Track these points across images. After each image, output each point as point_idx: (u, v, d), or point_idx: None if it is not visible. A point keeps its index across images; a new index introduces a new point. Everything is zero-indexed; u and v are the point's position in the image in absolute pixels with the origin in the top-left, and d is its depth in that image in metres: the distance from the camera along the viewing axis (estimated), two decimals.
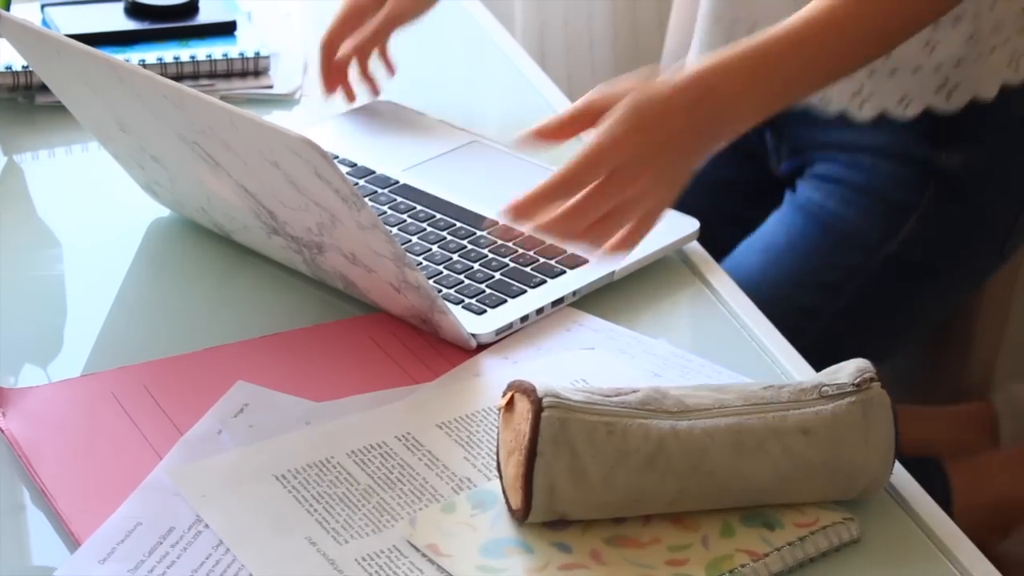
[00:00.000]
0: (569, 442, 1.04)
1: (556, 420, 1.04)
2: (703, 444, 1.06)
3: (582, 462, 1.04)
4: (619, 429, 1.05)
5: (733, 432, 1.06)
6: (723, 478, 1.06)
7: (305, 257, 1.30)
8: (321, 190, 1.16)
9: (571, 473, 1.04)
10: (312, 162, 1.13)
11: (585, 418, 1.05)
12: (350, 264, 1.25)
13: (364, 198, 1.18)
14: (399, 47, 1.63)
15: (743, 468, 1.06)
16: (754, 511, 1.09)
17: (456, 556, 1.06)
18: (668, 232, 1.36)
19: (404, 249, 1.20)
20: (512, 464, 1.07)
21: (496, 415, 1.17)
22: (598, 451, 1.04)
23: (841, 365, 1.12)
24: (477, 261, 1.34)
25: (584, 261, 1.33)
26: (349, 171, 1.47)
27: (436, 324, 1.25)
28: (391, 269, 1.21)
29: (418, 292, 1.22)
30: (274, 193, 1.23)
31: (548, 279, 1.31)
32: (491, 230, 1.37)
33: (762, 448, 1.06)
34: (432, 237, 1.37)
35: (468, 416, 1.19)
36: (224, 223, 1.37)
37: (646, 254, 1.35)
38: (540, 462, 1.04)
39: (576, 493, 1.05)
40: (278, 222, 1.27)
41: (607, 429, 1.05)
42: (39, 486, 1.12)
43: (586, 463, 1.04)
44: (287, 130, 1.12)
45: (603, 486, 1.05)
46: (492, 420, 1.19)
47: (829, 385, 1.09)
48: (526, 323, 1.28)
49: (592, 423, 1.05)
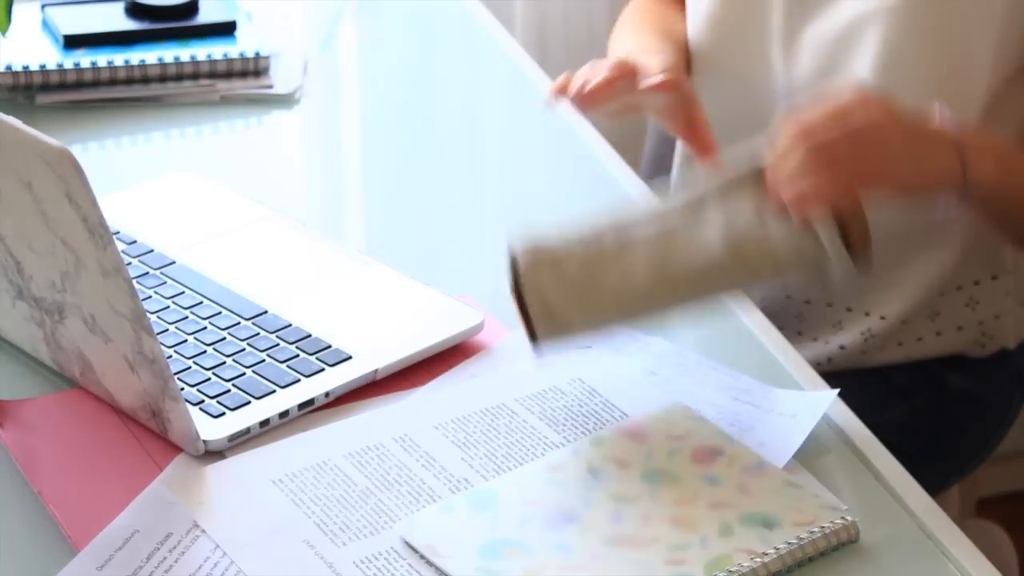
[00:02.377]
0: (549, 256, 1.16)
1: (530, 252, 1.17)
2: (667, 226, 1.18)
3: (561, 268, 1.16)
4: (590, 236, 1.18)
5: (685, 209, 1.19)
6: (683, 245, 1.16)
7: (46, 332, 1.22)
8: (70, 220, 1.09)
9: (554, 278, 1.16)
10: (66, 178, 1.07)
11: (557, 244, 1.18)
12: (89, 333, 1.17)
13: (113, 236, 1.09)
14: (399, 46, 1.63)
15: (699, 235, 1.16)
16: (752, 513, 1.09)
17: (455, 557, 1.06)
18: (446, 326, 1.28)
19: (151, 322, 1.13)
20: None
21: (492, 417, 1.19)
22: (572, 251, 1.17)
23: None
24: (232, 355, 1.25)
25: (347, 357, 1.24)
26: (125, 248, 1.38)
27: (166, 418, 1.16)
28: (128, 335, 1.12)
29: (152, 369, 1.13)
30: (23, 233, 1.15)
31: (303, 377, 1.22)
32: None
33: (711, 214, 1.18)
34: (191, 326, 1.28)
35: (465, 417, 1.19)
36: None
37: (417, 350, 1.26)
38: (526, 283, 1.16)
39: (563, 294, 1.16)
40: (24, 278, 1.19)
41: (579, 239, 1.18)
42: (38, 496, 1.12)
43: (565, 267, 1.16)
44: (47, 139, 1.06)
45: (584, 278, 1.16)
46: (489, 421, 1.19)
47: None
48: (267, 427, 1.19)
49: (566, 241, 1.18)
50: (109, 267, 1.10)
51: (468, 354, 1.27)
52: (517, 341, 1.28)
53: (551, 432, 1.18)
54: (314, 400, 1.21)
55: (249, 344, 1.26)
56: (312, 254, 1.39)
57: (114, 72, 1.66)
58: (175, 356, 1.24)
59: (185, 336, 1.27)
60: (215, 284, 1.33)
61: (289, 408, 1.20)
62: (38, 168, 1.09)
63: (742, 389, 1.23)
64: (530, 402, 1.21)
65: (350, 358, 1.24)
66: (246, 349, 1.25)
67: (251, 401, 1.20)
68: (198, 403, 1.19)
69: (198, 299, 1.32)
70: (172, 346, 1.25)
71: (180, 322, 1.29)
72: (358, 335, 1.26)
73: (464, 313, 1.30)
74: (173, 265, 1.36)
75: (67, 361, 1.22)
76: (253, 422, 1.18)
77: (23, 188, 1.11)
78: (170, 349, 1.25)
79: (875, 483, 1.16)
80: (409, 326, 1.28)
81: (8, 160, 1.11)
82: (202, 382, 1.22)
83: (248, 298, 1.31)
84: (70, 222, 1.09)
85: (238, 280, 1.34)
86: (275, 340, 1.26)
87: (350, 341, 1.26)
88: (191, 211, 1.46)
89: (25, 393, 1.23)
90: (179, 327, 1.28)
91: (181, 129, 1.64)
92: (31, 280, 1.19)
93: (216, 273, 1.35)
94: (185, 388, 1.20)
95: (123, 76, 1.66)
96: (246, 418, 1.18)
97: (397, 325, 1.29)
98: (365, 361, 1.24)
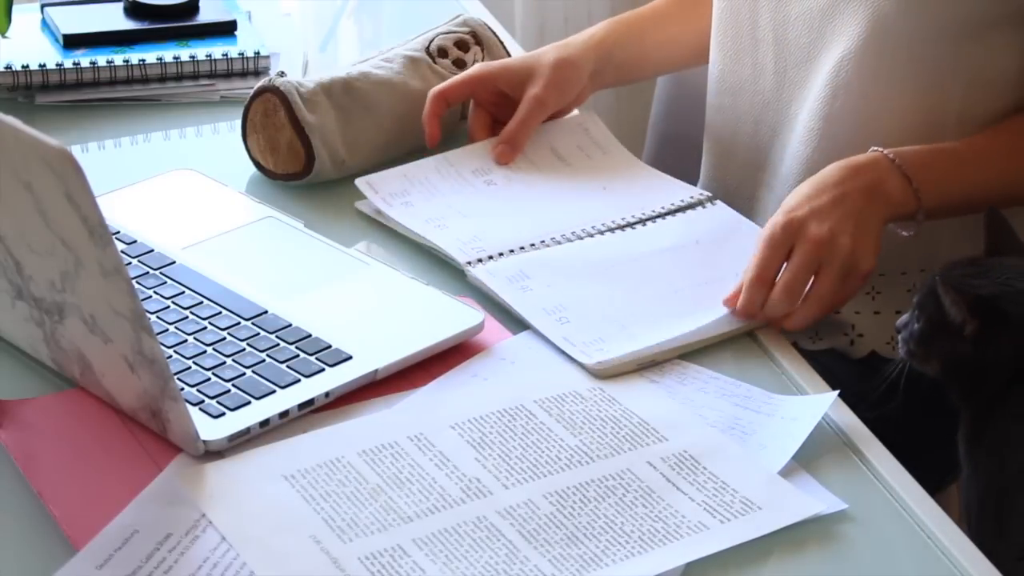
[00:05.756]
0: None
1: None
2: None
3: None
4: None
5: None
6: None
7: (46, 331, 1.22)
8: (70, 219, 1.09)
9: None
10: (65, 178, 1.07)
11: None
12: (88, 333, 1.16)
13: (112, 236, 1.09)
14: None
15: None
16: None
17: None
18: (446, 326, 1.28)
19: (151, 322, 1.12)
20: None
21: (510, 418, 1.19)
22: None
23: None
24: (232, 355, 1.24)
25: (347, 357, 1.24)
26: (125, 248, 1.38)
27: (165, 417, 1.16)
28: (128, 334, 1.12)
29: (152, 369, 1.13)
30: (23, 233, 1.16)
31: (303, 377, 1.22)
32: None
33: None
34: (191, 326, 1.28)
35: (482, 417, 1.19)
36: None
37: (417, 350, 1.25)
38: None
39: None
40: (23, 278, 1.19)
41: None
42: (37, 495, 1.12)
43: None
44: (47, 139, 1.06)
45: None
46: (506, 423, 1.19)
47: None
48: (267, 428, 1.18)
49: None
50: (109, 267, 1.10)
51: (468, 354, 1.27)
52: (518, 342, 1.28)
53: (568, 435, 1.18)
54: (314, 400, 1.21)
55: (249, 344, 1.26)
56: (312, 254, 1.39)
57: (114, 72, 1.65)
58: (175, 356, 1.24)
59: (185, 336, 1.27)
60: (215, 284, 1.33)
61: (289, 408, 1.19)
62: (38, 168, 1.09)
63: (743, 395, 1.23)
64: (549, 404, 1.21)
65: (350, 358, 1.24)
66: (246, 349, 1.25)
67: (251, 401, 1.20)
68: (198, 403, 1.19)
69: (198, 299, 1.31)
70: (172, 346, 1.25)
71: (180, 322, 1.29)
72: (358, 335, 1.26)
73: (464, 313, 1.30)
74: (173, 265, 1.36)
75: (67, 361, 1.22)
76: (253, 422, 1.18)
77: (23, 188, 1.11)
78: (170, 349, 1.25)
79: (875, 483, 1.16)
80: (409, 326, 1.28)
81: (8, 160, 1.11)
82: (202, 382, 1.21)
83: (248, 298, 1.31)
84: (70, 222, 1.09)
85: (238, 280, 1.34)
86: (275, 340, 1.26)
87: (350, 341, 1.25)
88: (191, 210, 1.46)
89: (25, 393, 1.23)
90: (179, 327, 1.28)
91: (181, 129, 1.64)
92: (31, 280, 1.19)
93: (216, 273, 1.35)
94: (185, 388, 1.20)
95: (123, 76, 1.66)
96: (246, 418, 1.18)
97: (397, 325, 1.29)
98: (365, 361, 1.24)
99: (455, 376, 1.24)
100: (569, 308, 1.31)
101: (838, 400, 1.22)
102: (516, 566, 1.07)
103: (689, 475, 1.15)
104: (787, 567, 1.10)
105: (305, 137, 1.47)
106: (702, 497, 1.13)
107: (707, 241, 1.41)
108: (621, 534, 1.10)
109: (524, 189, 1.48)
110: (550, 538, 1.09)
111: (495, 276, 1.34)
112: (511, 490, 1.13)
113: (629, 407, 1.21)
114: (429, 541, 1.08)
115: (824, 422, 1.20)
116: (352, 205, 1.47)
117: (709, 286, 1.34)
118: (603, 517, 1.11)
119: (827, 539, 1.11)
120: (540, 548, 1.08)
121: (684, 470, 1.15)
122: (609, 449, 1.17)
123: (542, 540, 1.09)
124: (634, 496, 1.13)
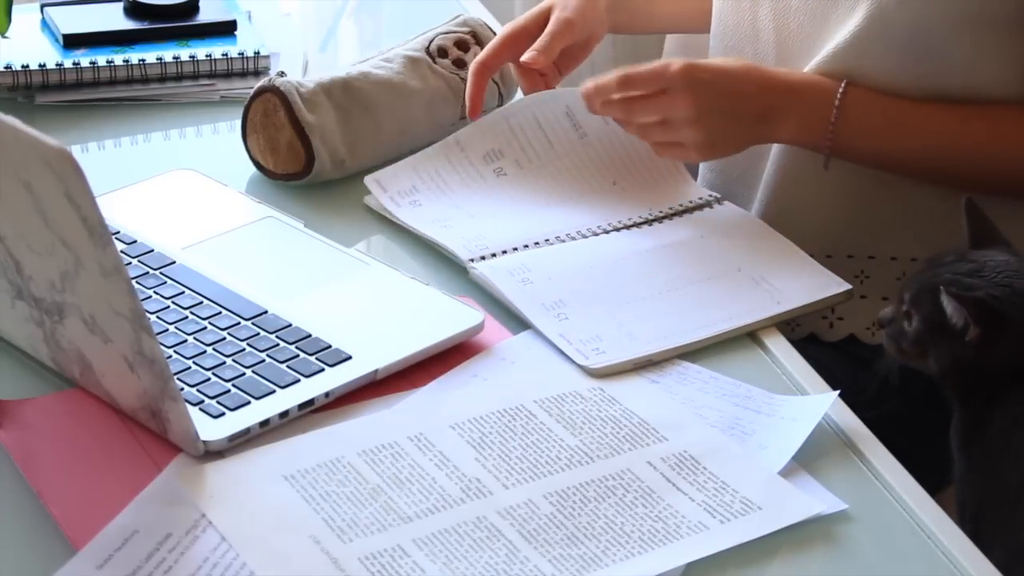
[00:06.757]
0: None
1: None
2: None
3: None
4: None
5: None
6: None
7: (46, 331, 1.21)
8: (69, 219, 1.09)
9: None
10: (65, 178, 1.06)
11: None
12: (88, 333, 1.16)
13: (112, 236, 1.10)
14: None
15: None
16: None
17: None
18: (446, 326, 1.28)
19: (151, 322, 1.12)
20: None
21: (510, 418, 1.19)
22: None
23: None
24: (232, 355, 1.24)
25: (347, 357, 1.25)
26: (125, 248, 1.38)
27: (165, 417, 1.16)
28: (128, 334, 1.12)
29: (152, 369, 1.13)
30: (23, 233, 1.15)
31: (303, 377, 1.22)
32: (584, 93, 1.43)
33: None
34: (191, 326, 1.28)
35: (482, 417, 1.19)
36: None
37: (417, 350, 1.26)
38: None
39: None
40: (23, 278, 1.19)
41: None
42: (37, 495, 1.12)
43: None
44: (47, 139, 1.06)
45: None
46: (506, 423, 1.19)
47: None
48: (267, 428, 1.18)
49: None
50: (109, 267, 1.10)
51: (468, 354, 1.27)
52: (518, 342, 1.28)
53: (568, 435, 1.18)
54: (314, 400, 1.21)
55: (249, 344, 1.26)
56: (312, 254, 1.39)
57: (114, 72, 1.65)
58: (175, 356, 1.24)
59: (185, 336, 1.27)
60: (215, 284, 1.33)
61: (289, 408, 1.19)
62: (38, 168, 1.09)
63: (743, 396, 1.23)
64: (549, 404, 1.21)
65: (350, 358, 1.24)
66: (246, 349, 1.25)
67: (251, 401, 1.20)
68: (198, 403, 1.19)
69: (198, 299, 1.31)
70: (172, 346, 1.25)
71: (180, 322, 1.28)
72: (358, 335, 1.26)
73: (464, 313, 1.30)
74: (173, 265, 1.36)
75: (67, 361, 1.22)
76: (253, 422, 1.18)
77: (23, 188, 1.11)
78: (170, 349, 1.25)
79: (875, 482, 1.16)
80: (409, 326, 1.28)
81: (8, 160, 1.11)
82: (202, 382, 1.21)
83: (248, 298, 1.31)
84: (70, 222, 1.09)
85: (238, 280, 1.34)
86: (275, 340, 1.26)
87: (350, 341, 1.25)
88: (191, 210, 1.46)
89: (25, 393, 1.23)
90: (179, 327, 1.28)
91: (181, 129, 1.64)
92: (31, 280, 1.19)
93: (216, 273, 1.35)
94: (185, 388, 1.20)
95: (123, 76, 1.66)
96: (246, 418, 1.18)
97: (397, 325, 1.29)
98: (365, 361, 1.24)
99: (455, 376, 1.24)
100: (568, 304, 1.31)
101: (838, 400, 1.22)
102: (516, 566, 1.07)
103: (689, 475, 1.15)
104: (787, 567, 1.10)
105: (305, 137, 1.47)
106: (702, 497, 1.13)
107: (711, 239, 1.41)
108: (621, 534, 1.10)
109: (534, 181, 1.48)
110: (550, 538, 1.09)
111: (496, 270, 1.34)
112: (511, 490, 1.13)
113: (629, 407, 1.21)
114: (429, 541, 1.08)
115: (824, 422, 1.20)
116: (352, 205, 1.47)
117: (709, 284, 1.34)
118: (603, 517, 1.11)
119: (827, 539, 1.11)
120: (540, 548, 1.08)
121: (684, 470, 1.15)
122: (609, 449, 1.17)
123: (542, 540, 1.09)
124: (634, 496, 1.13)
